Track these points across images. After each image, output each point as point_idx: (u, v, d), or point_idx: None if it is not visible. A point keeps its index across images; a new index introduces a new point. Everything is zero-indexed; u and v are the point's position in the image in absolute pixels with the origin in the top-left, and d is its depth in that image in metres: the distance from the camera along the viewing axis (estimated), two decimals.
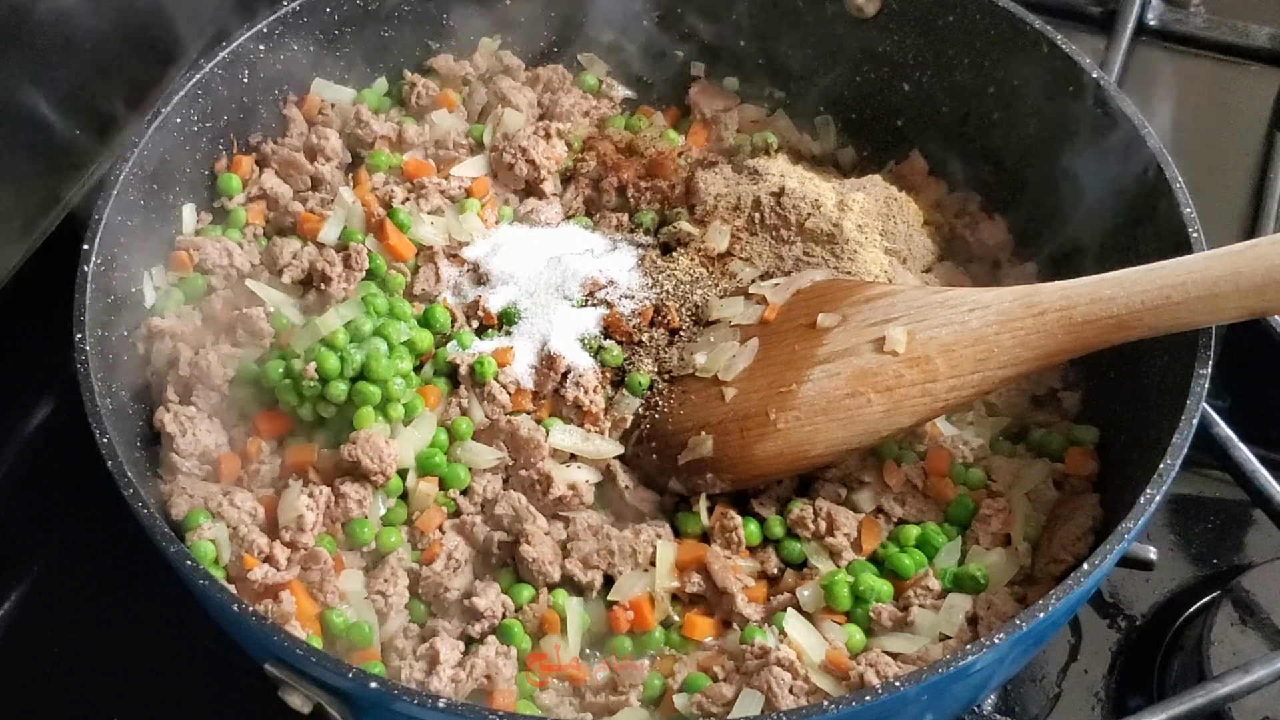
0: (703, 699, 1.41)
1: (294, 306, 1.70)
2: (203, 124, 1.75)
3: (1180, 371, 1.44)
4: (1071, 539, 1.48)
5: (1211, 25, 2.28)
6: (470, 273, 1.72)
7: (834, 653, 1.43)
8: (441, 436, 1.59)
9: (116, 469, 1.37)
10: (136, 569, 1.62)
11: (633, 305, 1.68)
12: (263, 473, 1.56)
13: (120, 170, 1.61)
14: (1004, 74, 1.78)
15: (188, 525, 1.49)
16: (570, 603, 1.49)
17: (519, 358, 1.62)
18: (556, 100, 1.93)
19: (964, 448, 1.61)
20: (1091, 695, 1.68)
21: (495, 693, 1.42)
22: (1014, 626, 1.26)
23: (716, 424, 1.56)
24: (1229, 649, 1.58)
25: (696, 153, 1.89)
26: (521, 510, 1.52)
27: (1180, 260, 1.44)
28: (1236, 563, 1.79)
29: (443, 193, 1.79)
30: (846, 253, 1.70)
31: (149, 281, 1.68)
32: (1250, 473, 1.62)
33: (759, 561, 1.55)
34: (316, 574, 1.47)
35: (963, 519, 1.55)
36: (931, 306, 1.51)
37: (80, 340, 1.47)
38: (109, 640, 1.72)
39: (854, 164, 1.96)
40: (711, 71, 2.01)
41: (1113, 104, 1.65)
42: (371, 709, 1.28)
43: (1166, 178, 1.57)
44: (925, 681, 1.24)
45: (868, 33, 1.90)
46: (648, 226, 1.80)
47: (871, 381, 1.50)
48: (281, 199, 1.80)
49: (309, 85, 1.88)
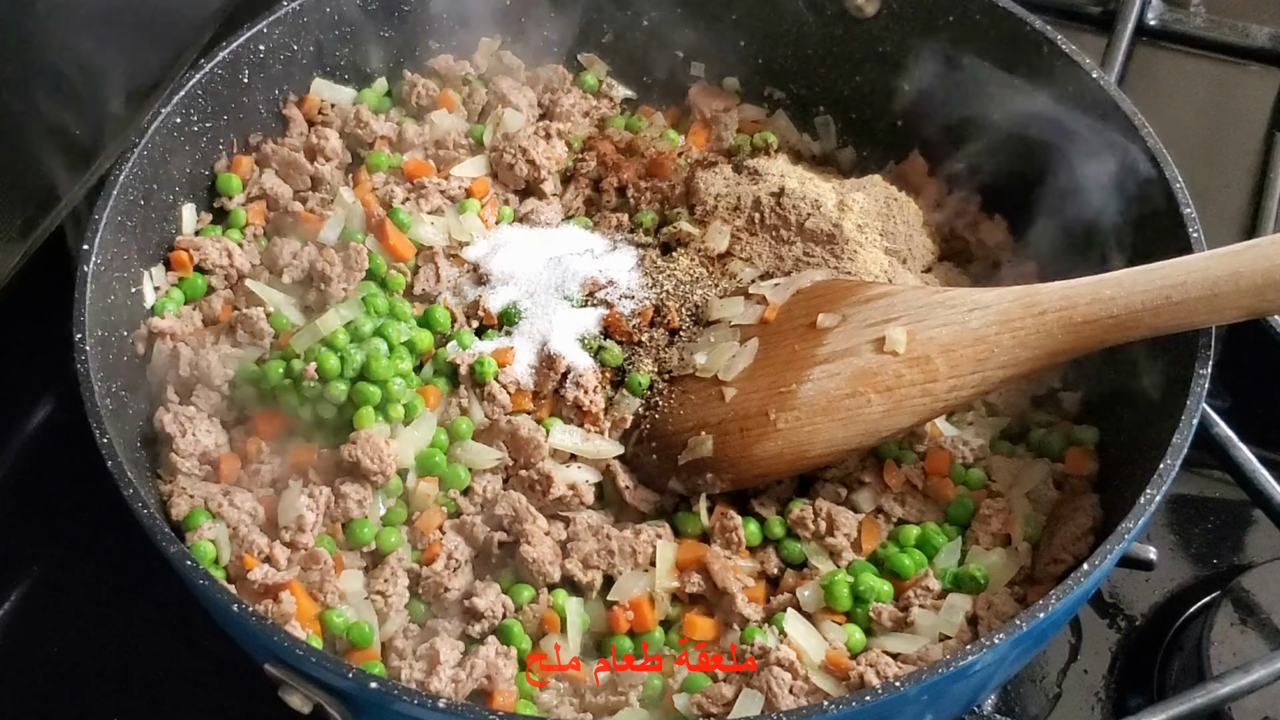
0: (703, 699, 1.41)
1: (294, 306, 1.70)
2: (203, 124, 1.75)
3: (1180, 371, 1.44)
4: (1071, 539, 1.48)
5: (1211, 25, 2.28)
6: (470, 273, 1.72)
7: (834, 653, 1.43)
8: (441, 436, 1.59)
9: (116, 469, 1.37)
10: (136, 569, 1.63)
11: (633, 305, 1.68)
12: (263, 473, 1.56)
13: (120, 170, 1.61)
14: (1004, 74, 1.78)
15: (188, 525, 1.49)
16: (570, 603, 1.49)
17: (519, 358, 1.62)
18: (556, 100, 1.93)
19: (964, 448, 1.61)
20: (1091, 695, 1.68)
21: (495, 693, 1.42)
22: (1014, 626, 1.26)
23: (716, 424, 1.56)
24: (1229, 649, 1.58)
25: (696, 153, 1.89)
26: (521, 510, 1.52)
27: (1180, 260, 1.44)
28: (1236, 563, 1.79)
29: (443, 193, 1.79)
30: (846, 253, 1.70)
31: (149, 281, 1.68)
32: (1250, 473, 1.62)
33: (759, 561, 1.55)
34: (316, 574, 1.47)
35: (963, 519, 1.55)
36: (931, 306, 1.51)
37: (80, 340, 1.47)
38: (109, 640, 1.72)
39: (854, 164, 1.96)
40: (711, 71, 2.01)
41: (1113, 104, 1.65)
42: (371, 709, 1.28)
43: (1166, 178, 1.57)
44: (925, 681, 1.24)
45: (868, 33, 1.90)
46: (648, 226, 1.80)
47: (871, 381, 1.51)
48: (281, 199, 1.80)
49: (309, 85, 1.88)
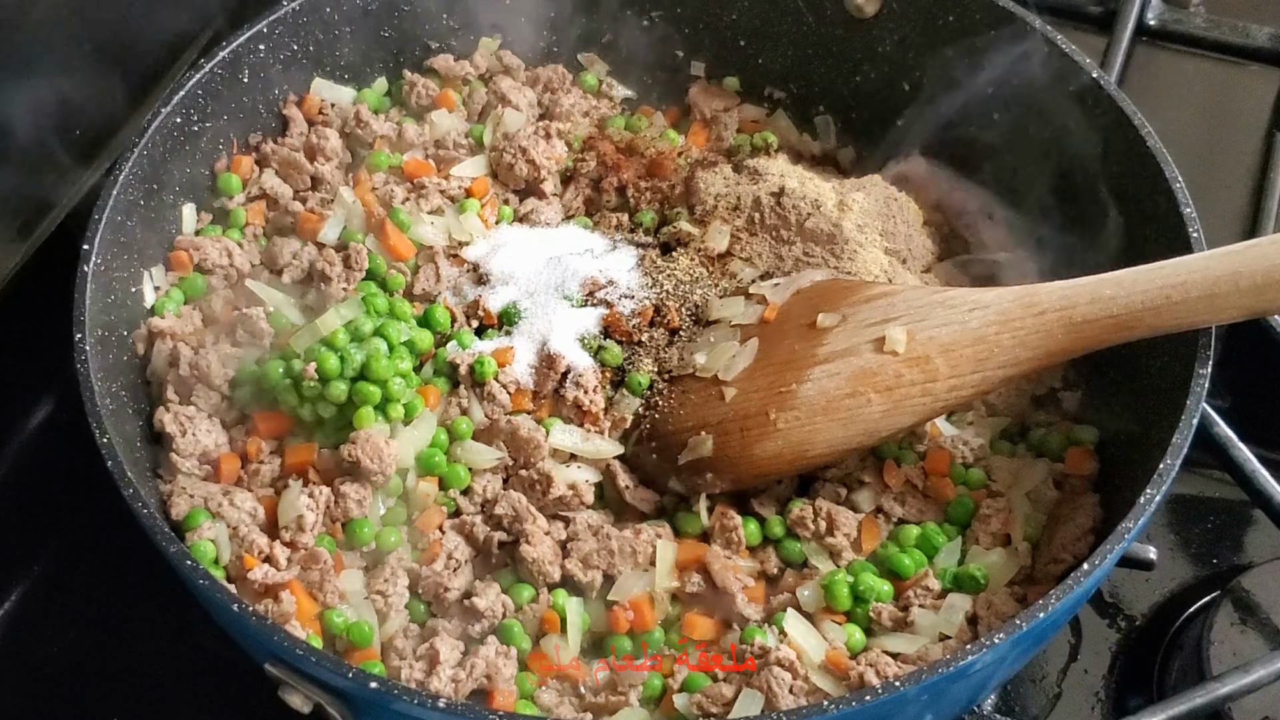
0: (703, 699, 1.41)
1: (294, 306, 1.70)
2: (203, 124, 1.75)
3: (1180, 371, 1.44)
4: (1071, 539, 1.48)
5: (1211, 25, 2.28)
6: (470, 273, 1.72)
7: (834, 653, 1.43)
8: (441, 436, 1.59)
9: (116, 469, 1.37)
10: (136, 569, 1.63)
11: (633, 305, 1.68)
12: (263, 473, 1.56)
13: (120, 170, 1.61)
14: (1004, 74, 1.78)
15: (188, 525, 1.49)
16: (570, 603, 1.49)
17: (519, 358, 1.62)
18: (556, 100, 1.93)
19: (964, 448, 1.61)
20: (1091, 695, 1.68)
21: (495, 693, 1.42)
22: (1014, 626, 1.26)
23: (716, 424, 1.56)
24: (1229, 649, 1.59)
25: (696, 153, 1.89)
26: (521, 510, 1.52)
27: (1180, 260, 1.44)
28: (1236, 563, 1.79)
29: (443, 193, 1.79)
30: (846, 253, 1.70)
31: (149, 281, 1.68)
32: (1250, 473, 1.62)
33: (759, 561, 1.55)
34: (316, 574, 1.47)
35: (963, 519, 1.55)
36: (931, 306, 1.51)
37: (80, 340, 1.47)
38: (109, 640, 1.72)
39: (854, 164, 1.96)
40: (711, 71, 2.01)
41: (1113, 104, 1.65)
42: (371, 709, 1.28)
43: (1166, 178, 1.57)
44: (925, 681, 1.24)
45: (868, 33, 1.90)
46: (648, 226, 1.80)
47: (871, 381, 1.50)
48: (281, 199, 1.80)
49: (309, 85, 1.88)
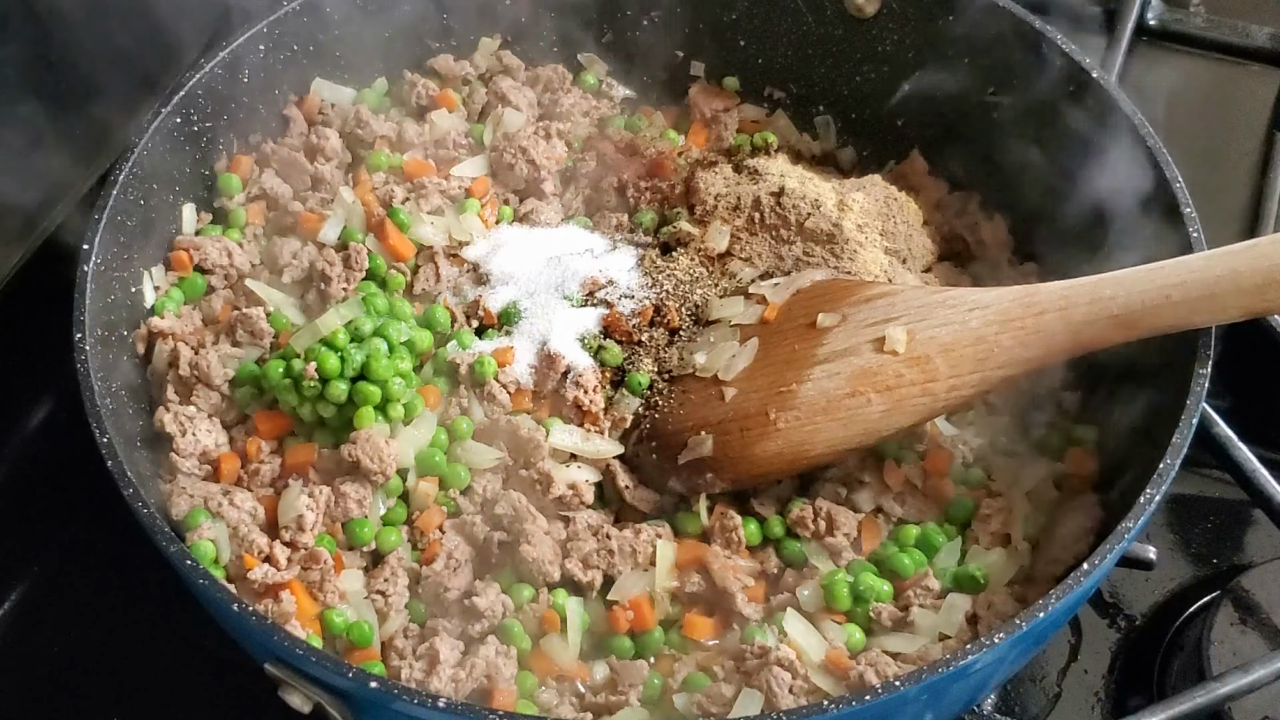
0: (703, 699, 1.41)
1: (294, 306, 1.70)
2: (203, 124, 1.75)
3: (1180, 371, 1.44)
4: (1071, 539, 1.48)
5: (1211, 25, 2.28)
6: (470, 273, 1.72)
7: (834, 652, 1.43)
8: (441, 436, 1.59)
9: (116, 469, 1.37)
10: (136, 569, 1.62)
11: (633, 305, 1.68)
12: (263, 473, 1.56)
13: (120, 170, 1.61)
14: (1004, 74, 1.78)
15: (188, 525, 1.49)
16: (570, 603, 1.49)
17: (519, 357, 1.62)
18: (556, 100, 1.93)
19: (964, 448, 1.61)
20: (1091, 695, 1.68)
21: (495, 693, 1.42)
22: (1014, 626, 1.26)
23: (716, 424, 1.56)
24: (1229, 649, 1.59)
25: (696, 153, 1.89)
26: (521, 510, 1.52)
27: (1180, 260, 1.44)
28: (1236, 563, 1.79)
29: (443, 193, 1.79)
30: (846, 253, 1.70)
31: (149, 281, 1.68)
32: (1250, 473, 1.62)
33: (759, 561, 1.55)
34: (316, 574, 1.47)
35: (962, 519, 1.55)
36: (931, 306, 1.51)
37: (80, 340, 1.47)
38: (109, 640, 1.72)
39: (854, 164, 1.96)
40: (711, 71, 2.01)
41: (1113, 104, 1.65)
42: (371, 709, 1.28)
43: (1166, 178, 1.57)
44: (925, 681, 1.24)
45: (868, 33, 1.90)
46: (648, 226, 1.80)
47: (871, 381, 1.50)
48: (281, 199, 1.80)
49: (309, 85, 1.88)
